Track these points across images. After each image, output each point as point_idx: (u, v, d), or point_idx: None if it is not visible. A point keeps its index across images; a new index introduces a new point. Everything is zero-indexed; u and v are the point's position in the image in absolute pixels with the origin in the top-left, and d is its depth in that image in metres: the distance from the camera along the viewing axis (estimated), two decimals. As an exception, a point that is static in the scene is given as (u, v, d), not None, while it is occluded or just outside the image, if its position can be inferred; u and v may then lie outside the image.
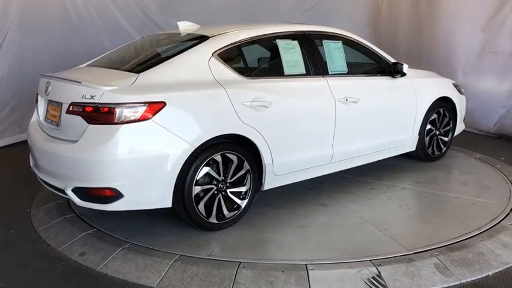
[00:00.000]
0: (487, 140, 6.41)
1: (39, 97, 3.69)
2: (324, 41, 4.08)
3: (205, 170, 3.28)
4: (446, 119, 5.02)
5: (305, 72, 3.87)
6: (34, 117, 3.78)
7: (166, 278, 2.91)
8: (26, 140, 3.80)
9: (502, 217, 3.64)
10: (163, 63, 3.39)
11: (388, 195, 4.14)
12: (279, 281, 2.84)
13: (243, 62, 3.69)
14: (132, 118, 2.99)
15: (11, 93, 6.10)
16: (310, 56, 3.93)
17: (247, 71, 3.65)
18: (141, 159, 3.05)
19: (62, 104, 3.28)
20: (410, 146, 4.73)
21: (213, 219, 3.38)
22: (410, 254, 3.09)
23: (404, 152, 4.73)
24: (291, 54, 3.83)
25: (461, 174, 4.74)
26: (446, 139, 5.10)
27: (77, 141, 3.10)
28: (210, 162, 3.32)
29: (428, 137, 4.88)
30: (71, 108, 3.17)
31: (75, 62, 4.33)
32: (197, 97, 3.28)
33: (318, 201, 3.99)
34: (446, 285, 2.86)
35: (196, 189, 3.26)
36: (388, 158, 4.62)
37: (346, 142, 4.07)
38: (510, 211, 3.79)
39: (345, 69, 4.13)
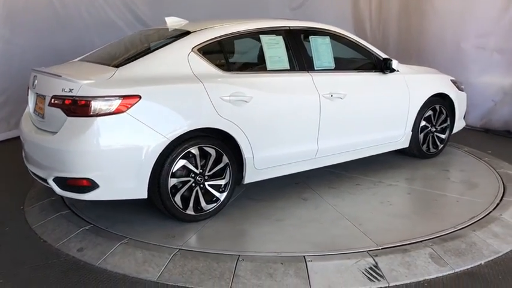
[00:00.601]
0: (474, 134, 6.50)
1: (29, 90, 3.77)
2: (311, 37, 4.09)
3: (182, 162, 3.34)
4: (443, 116, 4.97)
5: (289, 68, 3.89)
6: (26, 110, 3.87)
7: (167, 272, 2.93)
8: (15, 137, 3.84)
9: (482, 216, 3.61)
10: (142, 57, 3.46)
11: (373, 191, 4.14)
12: (279, 273, 2.88)
13: (223, 57, 3.76)
14: (107, 111, 3.08)
15: (-1, 90, 6.03)
16: (295, 52, 3.94)
17: (227, 66, 3.72)
18: (115, 151, 3.14)
19: (45, 96, 3.38)
20: (403, 142, 4.70)
21: (190, 211, 3.44)
22: (379, 249, 3.09)
23: (396, 148, 4.72)
24: (275, 50, 3.85)
25: (453, 172, 4.71)
26: (443, 136, 5.04)
27: (56, 132, 3.20)
28: (188, 155, 3.37)
29: (422, 134, 4.84)
30: (52, 101, 3.26)
31: (63, 58, 4.31)
32: (173, 91, 3.34)
33: (300, 195, 4.02)
34: (441, 274, 2.94)
35: (173, 181, 3.33)
36: (381, 155, 4.66)
37: (332, 137, 4.08)
38: (500, 201, 3.89)
39: (332, 64, 4.14)
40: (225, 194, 3.59)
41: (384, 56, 4.50)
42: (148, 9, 7.24)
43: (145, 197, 3.26)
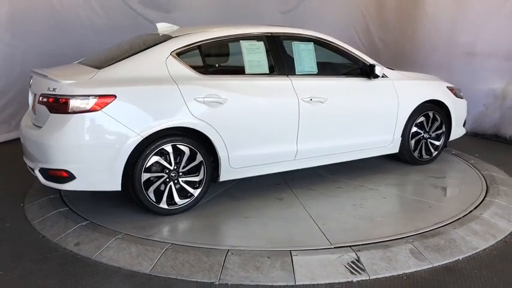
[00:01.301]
0: (464, 138, 6.59)
1: (29, 90, 4.01)
2: (293, 43, 4.22)
3: (155, 158, 3.59)
4: (437, 123, 4.95)
5: (268, 72, 4.05)
6: (28, 109, 4.12)
7: (159, 265, 3.08)
8: (15, 138, 4.07)
9: (451, 220, 3.67)
10: (123, 60, 3.72)
11: (350, 194, 4.21)
12: (265, 266, 3.03)
13: (201, 61, 3.96)
14: (84, 109, 3.36)
15: (0, 93, 6.18)
16: (275, 57, 4.10)
17: (204, 69, 3.93)
18: (91, 145, 3.42)
19: (36, 94, 3.69)
20: (392, 148, 4.72)
21: (163, 205, 3.67)
22: (331, 247, 3.21)
23: (384, 153, 4.75)
24: (255, 55, 4.03)
25: (439, 178, 4.65)
26: (437, 143, 5.02)
27: (41, 127, 3.52)
28: (162, 152, 3.61)
29: (414, 140, 4.84)
30: (40, 99, 3.57)
31: (64, 62, 4.47)
32: (146, 91, 3.58)
33: (277, 195, 4.14)
34: (419, 268, 3.09)
35: (146, 176, 3.57)
36: (374, 160, 4.75)
37: (312, 140, 4.18)
38: (482, 201, 4.04)
39: (314, 70, 4.26)
40: (199, 190, 3.79)
41: (371, 61, 4.55)
42: (150, 14, 7.38)
43: (119, 189, 3.52)
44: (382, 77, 4.53)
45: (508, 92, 6.40)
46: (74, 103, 3.35)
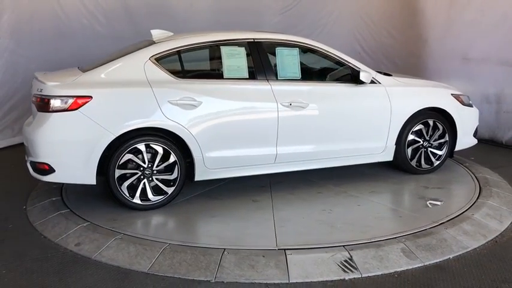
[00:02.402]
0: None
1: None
2: (277, 48, 4.29)
3: (128, 156, 3.83)
4: (438, 131, 4.79)
5: (247, 77, 4.15)
6: None
7: (157, 264, 3.17)
8: (19, 143, 4.26)
9: (456, 215, 3.77)
10: (106, 64, 3.98)
11: (327, 200, 4.18)
12: (260, 265, 3.11)
13: (179, 65, 4.19)
14: (63, 108, 3.67)
15: (4, 99, 6.31)
16: (256, 62, 4.19)
17: (182, 74, 4.15)
18: (68, 141, 3.71)
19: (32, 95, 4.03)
20: (384, 155, 4.61)
21: (136, 200, 3.90)
22: (278, 249, 3.26)
23: (376, 161, 4.65)
24: (235, 60, 4.16)
25: (430, 189, 4.45)
26: (439, 152, 4.83)
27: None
28: (138, 150, 3.84)
29: (410, 149, 4.71)
30: (32, 99, 3.94)
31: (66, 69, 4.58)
32: (121, 93, 3.85)
33: (254, 197, 4.22)
34: (410, 267, 3.17)
35: (119, 172, 3.82)
36: (375, 167, 4.77)
37: (293, 145, 4.23)
38: (474, 202, 4.11)
39: (297, 75, 4.30)
40: (173, 188, 3.97)
41: (361, 67, 4.45)
42: (149, 22, 7.49)
43: (94, 183, 3.81)
44: (372, 82, 4.44)
45: (502, 97, 6.48)
46: (54, 103, 3.67)
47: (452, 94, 4.91)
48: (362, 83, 4.39)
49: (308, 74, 4.44)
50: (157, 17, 7.39)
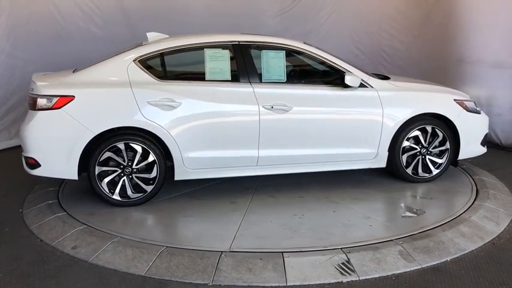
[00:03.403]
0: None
1: None
2: (262, 51, 4.27)
3: (108, 154, 3.97)
4: (438, 138, 4.57)
5: (229, 79, 4.18)
6: None
7: (154, 267, 3.16)
8: (15, 146, 4.34)
9: (453, 217, 3.79)
10: (93, 65, 4.14)
11: (304, 205, 4.10)
12: (257, 268, 3.11)
13: (161, 67, 4.34)
14: (48, 106, 3.87)
15: (0, 101, 6.29)
16: (240, 64, 4.20)
17: (163, 75, 4.31)
18: (51, 138, 3.90)
19: None
20: (376, 162, 4.45)
21: (116, 196, 4.04)
22: (230, 251, 3.27)
23: (367, 167, 4.49)
24: (217, 62, 4.18)
25: (421, 199, 4.31)
26: (439, 161, 4.62)
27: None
28: (119, 149, 3.97)
29: (405, 156, 4.52)
30: (27, 98, 4.11)
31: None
32: (102, 94, 4.01)
33: (233, 199, 4.23)
34: (408, 269, 3.17)
35: (99, 168, 3.97)
36: (374, 174, 4.71)
37: (276, 148, 4.20)
38: (471, 205, 4.12)
39: (282, 78, 4.25)
40: (152, 186, 4.07)
41: (351, 70, 4.33)
42: (146, 25, 7.48)
43: (76, 178, 3.97)
44: (363, 86, 4.31)
45: (493, 100, 6.48)
46: (40, 101, 3.89)
47: (455, 99, 4.67)
48: (347, 86, 4.24)
49: (295, 77, 4.43)
50: (154, 19, 7.36)
